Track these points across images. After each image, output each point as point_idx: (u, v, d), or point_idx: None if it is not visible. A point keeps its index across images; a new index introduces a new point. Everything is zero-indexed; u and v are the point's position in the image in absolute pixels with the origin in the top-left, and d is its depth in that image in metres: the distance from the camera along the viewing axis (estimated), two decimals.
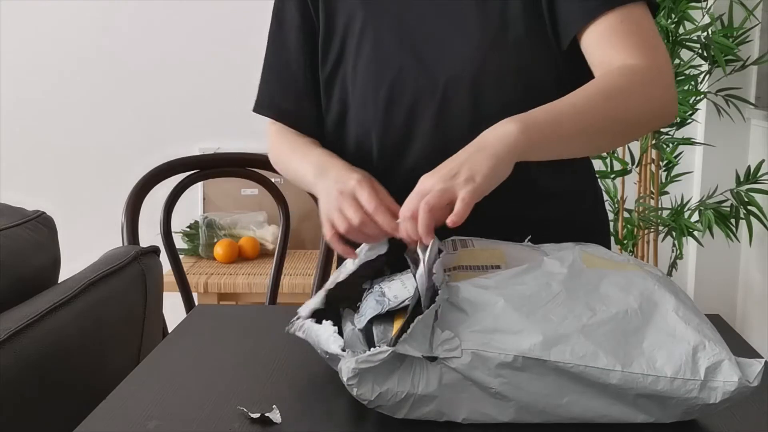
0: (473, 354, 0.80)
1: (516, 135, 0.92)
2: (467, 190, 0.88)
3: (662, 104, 1.06)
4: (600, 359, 0.80)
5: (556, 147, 1.00)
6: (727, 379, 0.80)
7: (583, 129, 1.00)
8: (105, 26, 2.92)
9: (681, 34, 2.44)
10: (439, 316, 0.83)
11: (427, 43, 1.12)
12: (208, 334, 1.16)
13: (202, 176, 1.71)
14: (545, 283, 0.87)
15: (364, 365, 0.81)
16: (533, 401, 0.82)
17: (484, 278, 0.88)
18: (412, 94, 1.13)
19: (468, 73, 1.10)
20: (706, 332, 0.84)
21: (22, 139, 2.96)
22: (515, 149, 0.92)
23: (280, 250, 1.72)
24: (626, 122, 1.04)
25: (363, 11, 1.15)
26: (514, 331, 0.82)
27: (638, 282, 0.89)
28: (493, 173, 0.91)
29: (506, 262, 0.93)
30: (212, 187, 2.85)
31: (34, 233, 1.24)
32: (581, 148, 1.07)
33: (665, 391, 0.80)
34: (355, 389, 0.82)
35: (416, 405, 0.83)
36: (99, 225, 2.75)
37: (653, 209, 2.54)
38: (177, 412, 0.89)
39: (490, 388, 0.82)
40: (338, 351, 0.86)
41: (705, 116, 2.72)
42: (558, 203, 1.20)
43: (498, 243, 1.00)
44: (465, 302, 0.84)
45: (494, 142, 0.92)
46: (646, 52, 1.04)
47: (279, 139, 1.25)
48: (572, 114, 0.98)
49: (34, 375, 1.02)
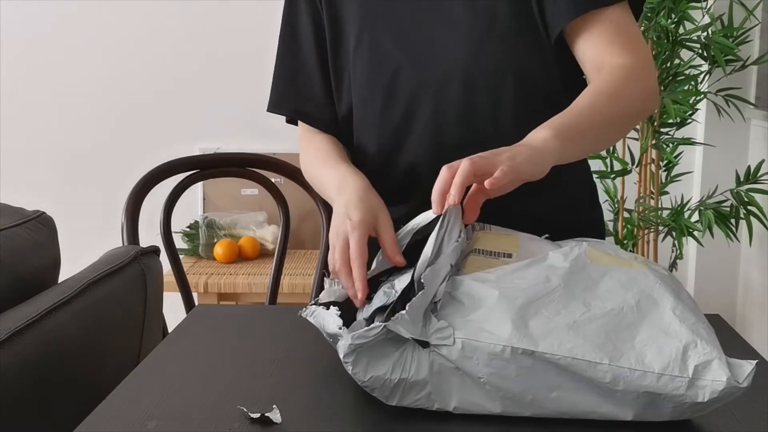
0: (464, 343, 0.82)
1: (552, 141, 0.98)
2: (508, 164, 0.91)
3: (650, 95, 1.14)
4: (588, 352, 0.81)
5: (577, 149, 1.06)
6: (716, 379, 0.80)
7: (594, 129, 1.06)
8: (105, 26, 2.92)
9: (681, 34, 2.44)
10: (438, 309, 0.85)
11: (422, 43, 1.17)
12: (208, 334, 1.16)
13: (202, 176, 1.72)
14: (544, 277, 0.88)
15: (359, 341, 0.83)
16: (521, 393, 0.83)
17: (486, 272, 0.89)
18: (408, 92, 1.18)
19: (460, 70, 1.15)
20: (700, 331, 0.84)
21: (23, 139, 2.97)
22: (553, 151, 0.97)
23: (280, 250, 1.72)
24: (626, 118, 1.13)
25: (360, 16, 1.21)
26: (506, 322, 0.83)
27: (640, 279, 0.90)
28: (532, 162, 0.94)
29: (518, 252, 0.95)
30: (212, 187, 2.85)
31: (34, 233, 1.24)
32: (592, 148, 1.12)
33: (652, 387, 0.81)
34: (350, 367, 0.85)
35: (407, 391, 0.85)
36: (99, 225, 2.76)
37: (653, 209, 2.54)
38: (177, 412, 0.89)
39: (480, 378, 0.83)
40: (336, 330, 0.90)
41: (705, 116, 2.72)
42: (552, 200, 1.22)
43: (516, 233, 1.01)
44: (463, 295, 0.86)
45: (535, 143, 0.97)
46: (633, 51, 1.12)
47: (308, 145, 1.29)
48: (586, 117, 1.05)
49: (34, 375, 1.02)
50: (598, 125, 1.06)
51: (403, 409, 0.86)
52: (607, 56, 1.12)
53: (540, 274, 0.89)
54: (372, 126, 1.22)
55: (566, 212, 1.24)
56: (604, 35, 1.12)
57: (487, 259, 0.94)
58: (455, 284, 0.88)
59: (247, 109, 2.83)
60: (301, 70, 1.27)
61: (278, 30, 1.29)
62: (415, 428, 0.84)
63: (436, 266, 0.86)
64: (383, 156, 1.22)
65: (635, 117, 1.18)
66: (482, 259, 0.94)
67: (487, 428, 0.84)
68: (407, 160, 1.20)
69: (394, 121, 1.20)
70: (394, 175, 1.22)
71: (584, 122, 1.04)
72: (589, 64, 1.14)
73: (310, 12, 1.25)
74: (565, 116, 1.04)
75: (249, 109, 2.81)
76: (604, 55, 1.12)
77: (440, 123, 1.17)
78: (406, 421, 0.85)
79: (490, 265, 0.92)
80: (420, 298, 0.83)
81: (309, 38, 1.26)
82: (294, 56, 1.28)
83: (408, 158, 1.20)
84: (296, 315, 1.01)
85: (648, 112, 1.20)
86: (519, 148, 0.96)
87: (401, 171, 1.21)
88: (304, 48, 1.26)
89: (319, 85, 1.26)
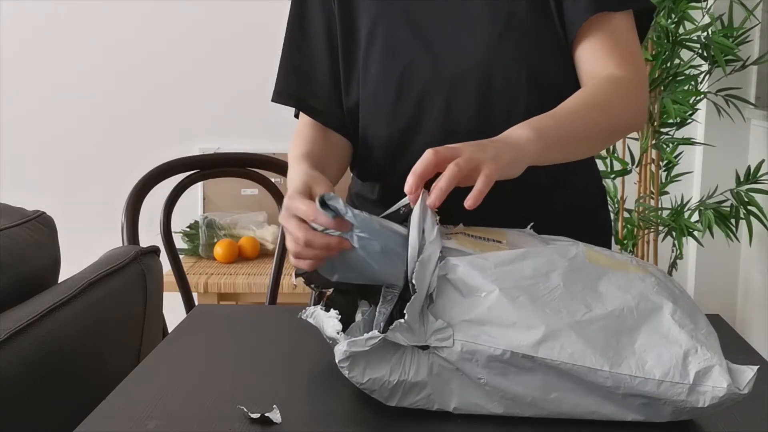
0: (463, 345, 0.82)
1: (533, 143, 0.96)
2: (492, 168, 0.89)
3: (638, 112, 1.15)
4: (588, 358, 0.81)
5: (557, 154, 1.04)
6: (717, 385, 0.80)
7: (576, 137, 1.06)
8: (105, 26, 2.92)
9: (681, 34, 2.44)
10: (435, 298, 0.84)
11: (437, 37, 1.16)
12: (208, 334, 1.16)
13: (202, 176, 1.72)
14: (544, 274, 0.87)
15: (355, 349, 0.83)
16: (521, 394, 0.83)
17: (482, 258, 0.88)
18: (421, 86, 1.17)
19: (475, 65, 1.14)
20: (700, 337, 0.84)
21: (23, 139, 2.97)
22: (532, 154, 0.96)
23: (280, 250, 1.72)
24: (609, 130, 1.12)
25: (375, 8, 1.19)
26: (506, 324, 0.82)
27: (638, 283, 0.89)
28: (514, 164, 0.94)
29: (507, 240, 0.95)
30: (212, 187, 2.85)
31: (34, 233, 1.24)
32: (570, 156, 1.11)
33: (653, 393, 0.81)
34: (346, 372, 0.85)
35: (407, 392, 0.85)
36: (99, 225, 2.75)
37: (653, 209, 2.54)
38: (177, 412, 0.89)
39: (479, 379, 0.83)
40: (334, 335, 0.89)
41: (705, 116, 2.72)
42: (561, 199, 1.22)
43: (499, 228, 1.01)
44: (461, 282, 0.85)
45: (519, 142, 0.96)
46: (630, 66, 1.13)
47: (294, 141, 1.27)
48: (569, 122, 1.04)
49: (34, 375, 1.02)
50: (581, 134, 1.06)
51: (403, 409, 0.86)
52: (603, 66, 1.12)
53: (539, 269, 0.87)
54: (383, 117, 1.20)
55: (576, 211, 1.23)
56: (606, 44, 1.13)
57: (477, 241, 0.93)
58: (450, 267, 0.86)
59: (247, 109, 2.83)
60: (308, 62, 1.26)
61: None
62: (415, 428, 0.84)
63: (423, 259, 0.84)
64: (393, 148, 1.21)
65: (619, 131, 1.18)
66: (472, 239, 0.93)
67: (487, 428, 0.84)
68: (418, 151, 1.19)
69: (406, 113, 1.18)
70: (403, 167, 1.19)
71: (567, 129, 1.03)
72: (584, 71, 1.15)
73: (320, 4, 1.24)
74: (551, 119, 1.02)
75: (249, 109, 2.82)
76: (601, 64, 1.12)
77: (452, 118, 1.16)
78: (406, 421, 0.85)
79: (482, 247, 0.91)
80: (414, 300, 0.82)
81: (319, 30, 1.24)
82: (302, 48, 1.26)
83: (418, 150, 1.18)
84: (296, 315, 1.01)
85: (632, 129, 1.20)
86: (503, 146, 0.94)
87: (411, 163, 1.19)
88: (313, 40, 1.25)
89: (326, 77, 1.25)
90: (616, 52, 1.13)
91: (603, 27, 1.13)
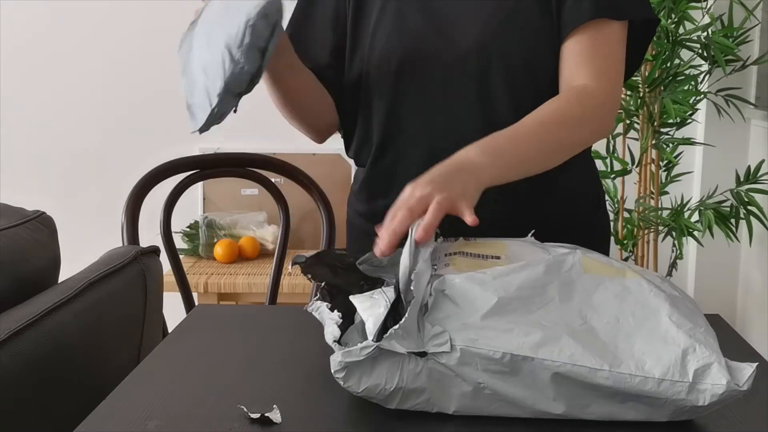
0: (462, 350, 0.82)
1: (491, 170, 0.99)
2: (443, 196, 0.91)
3: (602, 124, 1.18)
4: (587, 359, 0.81)
5: (514, 173, 1.07)
6: (716, 382, 0.80)
7: (538, 153, 1.09)
8: (105, 26, 2.92)
9: (681, 34, 2.44)
10: (429, 308, 0.84)
11: (445, 19, 1.19)
12: (208, 334, 1.16)
13: (202, 176, 1.72)
14: (540, 286, 0.87)
15: (349, 359, 0.83)
16: (521, 397, 0.83)
17: (480, 273, 0.88)
18: (423, 65, 1.19)
19: (476, 50, 1.17)
20: (698, 336, 0.84)
21: (23, 140, 2.96)
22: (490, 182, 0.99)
23: (280, 250, 1.72)
24: (570, 144, 1.15)
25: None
26: (504, 329, 0.82)
27: (634, 289, 0.89)
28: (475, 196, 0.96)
29: (506, 254, 0.94)
30: (212, 187, 2.85)
31: (34, 233, 1.24)
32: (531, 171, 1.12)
33: (653, 392, 0.81)
34: (342, 382, 0.85)
35: (406, 397, 0.85)
36: (99, 225, 2.75)
37: (653, 209, 2.54)
38: (177, 412, 0.89)
39: (479, 383, 0.83)
40: (331, 343, 0.89)
41: (705, 116, 2.72)
42: (558, 202, 1.22)
43: (500, 239, 1.01)
44: (459, 297, 0.85)
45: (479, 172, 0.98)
46: (603, 76, 1.15)
47: None
48: (530, 141, 1.08)
49: (34, 375, 1.02)
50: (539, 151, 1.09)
51: (403, 410, 0.86)
52: (578, 74, 1.14)
53: (536, 282, 0.88)
54: (384, 94, 1.22)
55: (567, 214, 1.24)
56: (588, 53, 1.15)
57: (476, 260, 0.93)
58: (448, 284, 0.86)
59: (247, 109, 2.82)
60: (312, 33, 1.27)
61: None
62: (415, 428, 0.84)
63: (419, 271, 0.84)
64: (391, 126, 1.22)
65: (582, 143, 1.19)
66: (470, 260, 0.93)
67: (487, 428, 0.84)
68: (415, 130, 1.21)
69: (406, 91, 1.20)
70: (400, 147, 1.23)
71: (524, 150, 1.06)
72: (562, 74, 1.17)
73: None
74: (507, 141, 1.05)
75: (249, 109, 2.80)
76: (577, 72, 1.15)
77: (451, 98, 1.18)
78: (405, 421, 0.85)
79: (481, 266, 0.91)
80: (411, 307, 0.82)
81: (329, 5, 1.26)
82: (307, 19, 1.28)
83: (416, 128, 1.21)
84: (296, 315, 1.01)
85: (596, 140, 1.23)
86: (467, 177, 0.96)
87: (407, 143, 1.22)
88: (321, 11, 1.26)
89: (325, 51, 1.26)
90: (595, 62, 1.14)
91: (593, 33, 1.15)
